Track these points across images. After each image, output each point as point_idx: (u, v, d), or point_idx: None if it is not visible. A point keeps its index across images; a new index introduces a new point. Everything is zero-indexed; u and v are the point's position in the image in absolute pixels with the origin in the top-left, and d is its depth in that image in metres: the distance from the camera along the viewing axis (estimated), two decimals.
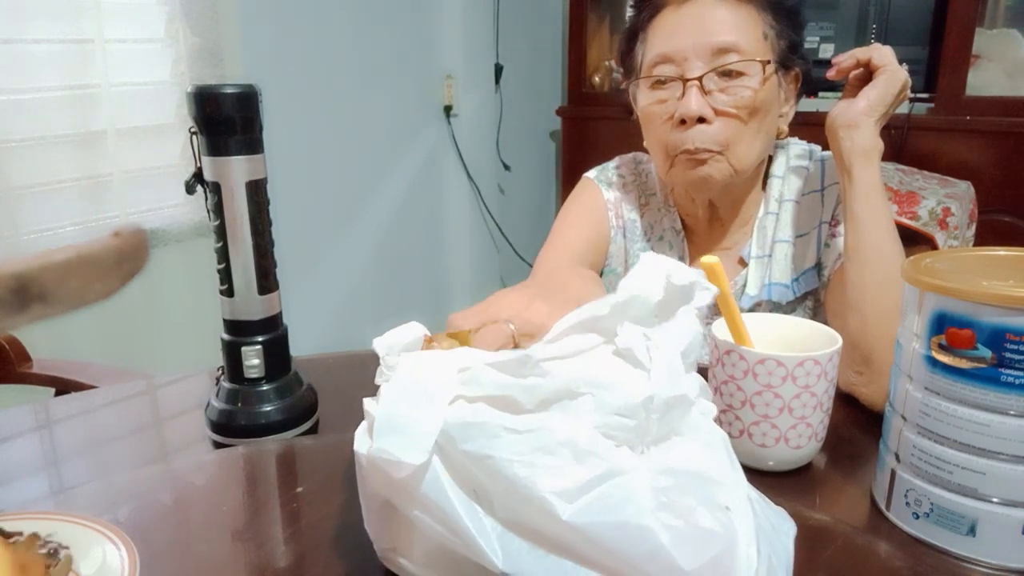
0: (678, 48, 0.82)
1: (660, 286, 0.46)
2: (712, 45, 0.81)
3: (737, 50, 0.81)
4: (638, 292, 0.46)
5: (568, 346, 0.44)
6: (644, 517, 0.38)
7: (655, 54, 0.84)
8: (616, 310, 0.45)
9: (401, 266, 2.55)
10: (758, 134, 0.84)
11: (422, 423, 0.41)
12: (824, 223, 0.90)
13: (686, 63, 0.82)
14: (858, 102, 0.76)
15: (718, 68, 0.81)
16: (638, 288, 0.46)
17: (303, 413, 0.73)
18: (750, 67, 0.82)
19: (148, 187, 1.74)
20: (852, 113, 0.76)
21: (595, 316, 0.45)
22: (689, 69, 0.82)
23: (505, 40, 2.68)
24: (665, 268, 0.47)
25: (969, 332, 0.49)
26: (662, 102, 0.85)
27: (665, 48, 0.83)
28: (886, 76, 0.76)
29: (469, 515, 0.41)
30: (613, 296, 0.45)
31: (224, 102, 0.65)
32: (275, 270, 0.71)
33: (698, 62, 0.81)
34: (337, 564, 0.53)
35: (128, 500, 0.62)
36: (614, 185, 1.00)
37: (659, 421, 0.42)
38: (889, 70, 0.76)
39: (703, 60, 0.81)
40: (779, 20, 0.85)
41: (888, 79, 0.76)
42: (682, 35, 0.82)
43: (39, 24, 1.53)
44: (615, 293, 0.46)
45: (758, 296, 0.90)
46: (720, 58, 0.81)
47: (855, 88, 0.79)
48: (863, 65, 0.78)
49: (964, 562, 0.52)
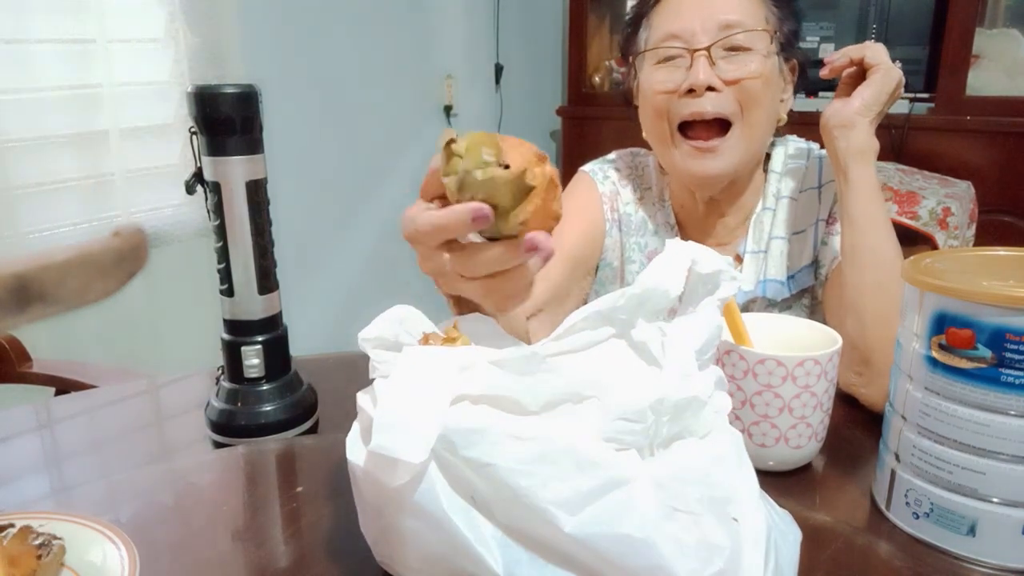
0: (685, 26, 0.83)
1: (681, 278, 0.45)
2: (719, 21, 0.82)
3: (742, 26, 0.83)
4: (657, 284, 0.44)
5: (578, 341, 0.43)
6: (647, 530, 0.37)
7: (662, 33, 0.86)
8: (633, 302, 0.44)
9: (401, 266, 2.55)
10: (765, 108, 0.85)
11: (423, 421, 0.40)
12: (821, 220, 0.90)
13: (694, 38, 0.83)
14: (852, 102, 0.76)
15: (725, 40, 0.82)
16: (657, 280, 0.45)
17: (303, 413, 0.73)
18: (756, 41, 0.83)
19: (149, 187, 1.74)
20: (847, 113, 0.76)
21: (611, 307, 0.44)
22: (696, 43, 0.83)
23: (505, 40, 2.68)
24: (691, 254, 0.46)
25: (969, 332, 0.49)
26: (668, 74, 0.85)
27: (672, 27, 0.85)
28: (880, 75, 0.76)
29: (466, 523, 0.40)
30: (630, 288, 0.44)
31: (224, 102, 0.65)
32: (275, 270, 0.71)
33: (704, 37, 0.83)
34: (337, 564, 0.53)
35: (128, 500, 0.62)
36: (610, 179, 1.00)
37: (669, 423, 0.41)
38: (883, 68, 0.76)
39: (710, 36, 0.83)
40: (779, 7, 0.87)
41: (882, 77, 0.76)
42: (689, 14, 0.84)
43: (40, 24, 1.53)
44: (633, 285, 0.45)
45: (753, 292, 0.90)
46: (725, 32, 0.82)
47: (849, 87, 0.79)
48: (856, 64, 0.78)
49: (964, 562, 0.52)
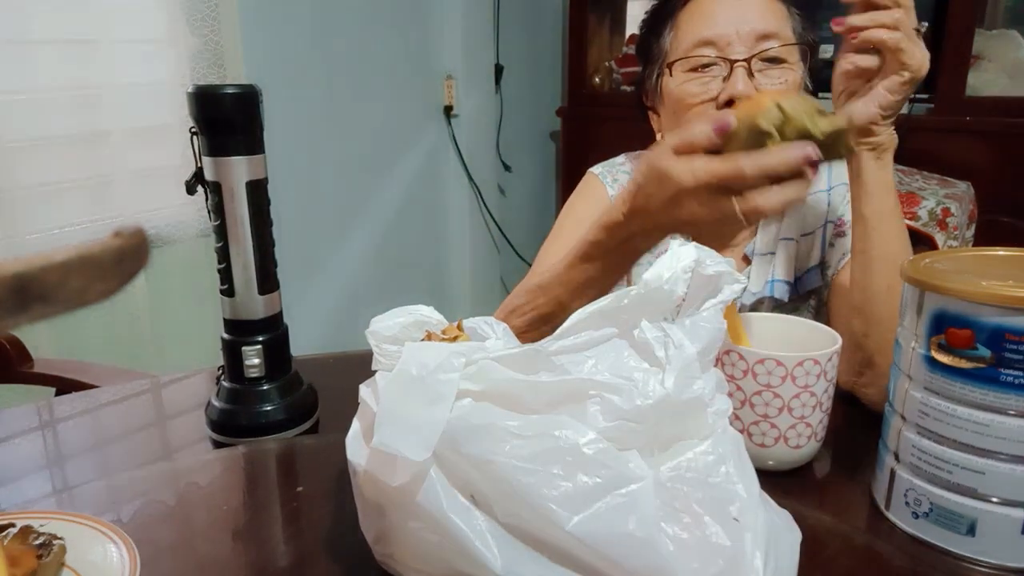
0: (721, 33, 0.82)
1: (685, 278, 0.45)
2: (756, 32, 0.81)
3: (779, 39, 0.82)
4: (660, 285, 0.45)
5: (582, 339, 0.43)
6: (648, 529, 0.37)
7: (695, 39, 0.84)
8: (636, 302, 0.44)
9: (401, 266, 2.55)
10: None
11: (427, 418, 0.40)
12: (830, 223, 0.90)
13: (729, 47, 0.82)
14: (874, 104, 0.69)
15: (763, 53, 0.82)
16: (660, 281, 0.45)
17: (303, 413, 0.73)
18: (791, 54, 0.83)
19: (149, 187, 1.74)
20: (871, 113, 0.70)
21: (614, 307, 0.44)
22: (733, 53, 0.82)
23: (505, 40, 2.68)
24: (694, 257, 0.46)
25: (968, 332, 0.49)
26: (703, 85, 0.84)
27: (707, 33, 0.83)
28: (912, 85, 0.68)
29: (467, 522, 0.40)
30: (634, 287, 0.44)
31: (224, 102, 0.65)
32: (275, 270, 0.71)
33: (741, 47, 0.82)
34: (337, 564, 0.53)
35: (129, 499, 0.62)
36: (619, 181, 1.00)
37: (671, 424, 0.41)
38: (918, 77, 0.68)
39: (746, 46, 0.82)
40: (803, 19, 0.86)
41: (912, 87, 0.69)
42: (724, 21, 0.83)
43: (41, 24, 1.53)
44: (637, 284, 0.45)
45: (760, 293, 0.90)
46: (763, 43, 0.82)
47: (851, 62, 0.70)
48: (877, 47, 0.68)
49: (963, 562, 0.52)
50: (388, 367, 0.45)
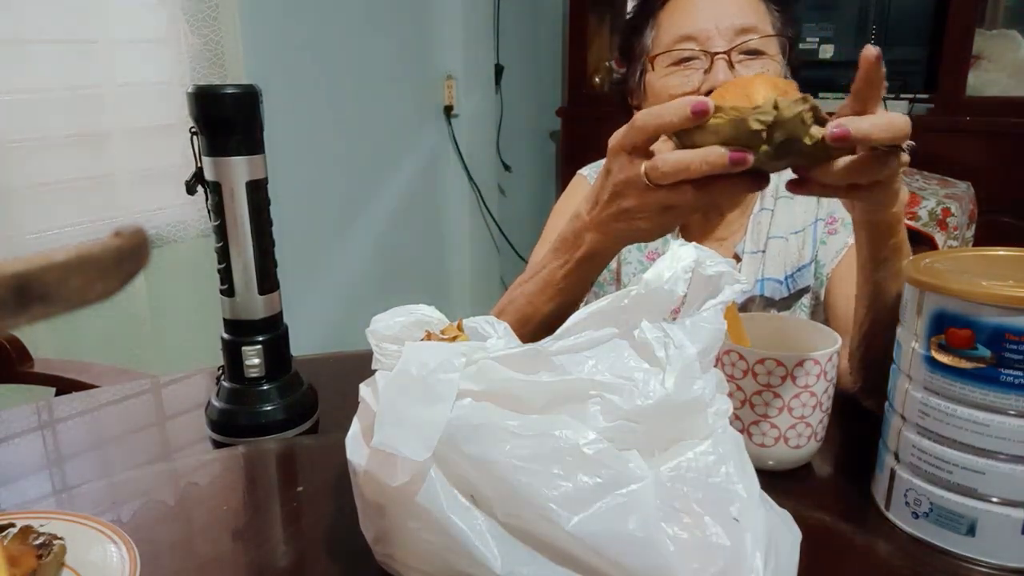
0: (702, 28, 0.83)
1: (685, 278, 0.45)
2: (735, 26, 0.83)
3: (758, 31, 0.83)
4: (660, 285, 0.44)
5: (583, 339, 0.43)
6: (648, 529, 0.37)
7: (676, 35, 0.85)
8: (636, 302, 0.44)
9: (401, 266, 2.55)
10: None
11: (427, 418, 0.40)
12: (820, 220, 0.90)
13: (709, 41, 0.83)
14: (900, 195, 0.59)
15: (742, 45, 0.82)
16: (661, 280, 0.45)
17: (303, 413, 0.73)
18: (770, 46, 0.84)
19: (150, 187, 1.74)
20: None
21: (614, 307, 0.44)
22: (713, 47, 0.83)
23: (505, 40, 2.68)
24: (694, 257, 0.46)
25: (969, 332, 0.49)
26: (684, 78, 0.85)
27: (687, 28, 0.84)
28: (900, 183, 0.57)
29: (467, 522, 0.40)
30: (634, 288, 0.44)
31: (225, 102, 0.65)
32: (275, 270, 0.71)
33: (721, 40, 0.83)
34: (337, 564, 0.53)
35: (129, 499, 0.62)
36: None
37: (671, 425, 0.41)
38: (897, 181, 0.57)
39: (726, 39, 0.83)
40: (782, 12, 0.87)
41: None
42: (704, 17, 0.84)
43: (41, 24, 1.53)
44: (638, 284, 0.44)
45: (751, 291, 0.90)
46: (742, 36, 0.83)
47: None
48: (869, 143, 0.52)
49: (964, 562, 0.52)
50: (388, 367, 0.45)
